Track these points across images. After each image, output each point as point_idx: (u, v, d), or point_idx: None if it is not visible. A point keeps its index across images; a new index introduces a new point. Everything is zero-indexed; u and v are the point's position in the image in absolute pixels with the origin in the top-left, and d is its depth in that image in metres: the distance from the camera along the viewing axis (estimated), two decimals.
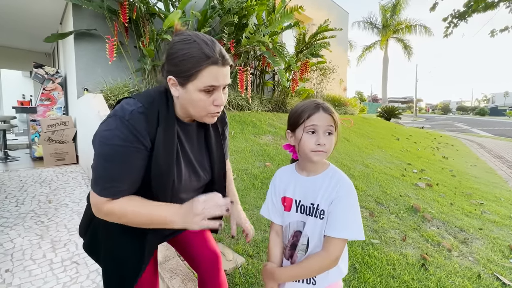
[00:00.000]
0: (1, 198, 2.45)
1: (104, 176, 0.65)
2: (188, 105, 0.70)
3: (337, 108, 8.38)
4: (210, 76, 0.65)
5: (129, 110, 0.66)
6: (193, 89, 0.66)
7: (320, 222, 0.75)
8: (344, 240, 0.73)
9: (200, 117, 0.72)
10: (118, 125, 0.64)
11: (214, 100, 0.69)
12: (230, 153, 3.05)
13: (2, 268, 1.53)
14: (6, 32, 5.06)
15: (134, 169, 0.67)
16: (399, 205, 2.54)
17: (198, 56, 0.64)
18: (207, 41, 0.66)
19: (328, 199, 0.74)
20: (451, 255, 1.84)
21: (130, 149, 0.64)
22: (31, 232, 1.91)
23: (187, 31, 0.70)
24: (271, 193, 0.87)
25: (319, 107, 0.76)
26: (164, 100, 0.72)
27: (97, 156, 0.65)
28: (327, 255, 0.73)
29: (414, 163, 4.44)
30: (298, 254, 0.80)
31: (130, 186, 0.68)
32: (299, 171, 0.83)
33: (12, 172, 3.19)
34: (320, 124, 0.74)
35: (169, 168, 0.71)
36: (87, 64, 3.53)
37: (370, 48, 19.55)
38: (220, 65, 0.66)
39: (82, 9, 3.41)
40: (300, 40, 5.24)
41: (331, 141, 0.75)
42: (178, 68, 0.66)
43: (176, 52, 0.66)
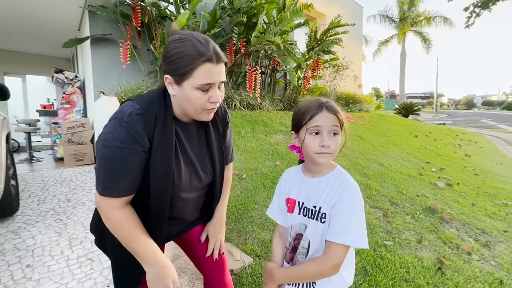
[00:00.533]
0: (25, 197, 2.60)
1: (104, 176, 0.67)
2: (184, 103, 0.71)
3: (352, 105, 8.17)
4: (205, 74, 0.66)
5: (127, 112, 0.67)
6: (188, 87, 0.67)
7: (321, 226, 0.72)
8: (346, 246, 0.69)
9: (196, 115, 0.73)
10: (117, 128, 0.66)
11: (210, 98, 0.69)
12: (240, 152, 3.05)
13: (24, 263, 1.62)
14: (29, 39, 5.36)
15: (133, 169, 0.68)
16: (415, 206, 2.44)
17: (192, 54, 0.65)
18: (201, 40, 0.67)
19: (330, 202, 0.71)
20: (471, 258, 1.74)
21: (128, 150, 0.66)
22: (50, 230, 2.01)
23: (183, 31, 0.71)
24: (277, 194, 0.86)
25: (322, 107, 0.72)
26: (162, 101, 0.73)
27: (99, 157, 0.68)
28: (326, 260, 0.70)
29: (433, 162, 4.24)
30: (298, 258, 0.78)
31: (130, 186, 0.69)
32: (305, 173, 0.81)
33: (36, 172, 3.37)
34: (324, 124, 0.71)
35: (168, 167, 0.72)
36: (102, 68, 3.67)
37: (387, 42, 18.91)
38: (215, 62, 0.67)
39: (97, 15, 3.54)
40: (312, 37, 5.15)
41: (337, 141, 0.72)
42: (173, 67, 0.67)
43: (171, 51, 0.67)
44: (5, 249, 1.75)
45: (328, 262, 0.70)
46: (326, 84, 7.23)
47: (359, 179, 2.83)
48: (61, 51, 5.95)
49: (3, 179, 1.89)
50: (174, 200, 0.77)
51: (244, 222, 1.94)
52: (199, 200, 0.86)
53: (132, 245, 0.70)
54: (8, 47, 5.99)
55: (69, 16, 4.16)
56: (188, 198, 0.81)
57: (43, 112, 4.26)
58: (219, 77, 0.69)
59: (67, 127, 3.74)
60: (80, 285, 1.46)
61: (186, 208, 0.82)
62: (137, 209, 0.74)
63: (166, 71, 0.69)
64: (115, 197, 0.67)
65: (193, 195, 0.83)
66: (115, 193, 0.67)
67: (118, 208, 0.69)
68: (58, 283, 1.46)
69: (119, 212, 0.69)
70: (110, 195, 0.67)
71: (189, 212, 0.85)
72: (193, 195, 0.82)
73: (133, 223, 0.70)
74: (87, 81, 4.18)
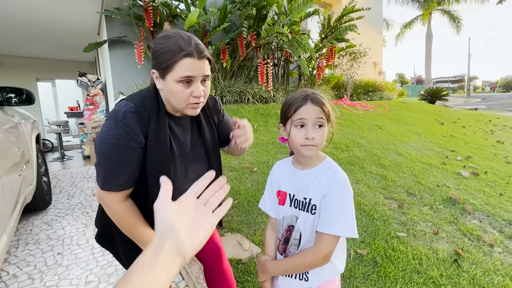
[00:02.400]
0: (56, 192, 2.84)
1: (104, 172, 0.73)
2: (169, 97, 0.75)
3: (371, 93, 7.84)
4: (185, 67, 0.70)
5: (122, 111, 0.72)
6: (171, 80, 0.71)
7: (312, 217, 0.73)
8: (336, 236, 0.70)
9: (181, 109, 0.76)
10: (113, 126, 0.71)
11: (192, 92, 0.73)
12: (252, 146, 3.09)
13: (55, 251, 1.80)
14: (55, 46, 5.75)
15: (130, 164, 0.73)
16: (435, 196, 2.33)
17: (174, 49, 0.69)
18: (184, 37, 0.72)
19: (320, 193, 0.72)
20: (492, 251, 1.64)
21: (124, 147, 0.71)
22: (78, 221, 2.19)
23: (171, 29, 0.76)
24: (268, 186, 0.87)
25: (307, 99, 0.72)
26: (155, 97, 0.78)
27: (97, 154, 0.73)
28: (318, 251, 0.71)
29: (459, 150, 3.99)
30: (290, 249, 0.80)
31: (128, 180, 0.75)
32: (295, 165, 0.81)
33: (66, 170, 3.67)
34: (308, 117, 0.71)
35: (163, 160, 0.77)
36: (120, 69, 3.85)
37: (410, 24, 17.74)
38: (195, 57, 0.70)
39: (113, 19, 3.70)
40: (325, 25, 4.99)
41: (322, 133, 0.72)
42: (158, 61, 0.72)
43: (157, 47, 0.72)
44: (40, 239, 1.95)
45: (319, 252, 0.71)
46: (343, 73, 6.99)
47: (375, 170, 2.75)
48: (84, 55, 6.32)
49: (35, 176, 2.09)
50: (173, 193, 0.81)
51: (254, 214, 1.98)
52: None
53: (133, 233, 0.77)
54: (38, 55, 6.47)
55: (88, 22, 4.39)
56: (184, 190, 0.85)
57: (70, 113, 4.58)
58: (200, 71, 0.72)
59: (92, 126, 3.99)
60: (103, 271, 1.60)
61: None
62: (137, 202, 0.79)
63: (153, 66, 0.74)
64: (116, 191, 0.73)
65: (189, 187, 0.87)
66: (115, 187, 0.73)
67: (120, 202, 0.75)
68: (84, 269, 1.61)
69: (121, 204, 0.75)
70: (111, 189, 0.73)
71: None
72: (188, 186, 0.87)
73: (133, 213, 0.77)
74: (108, 82, 4.41)
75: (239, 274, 1.43)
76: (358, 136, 3.86)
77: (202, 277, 1.39)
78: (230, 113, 3.85)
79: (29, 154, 1.97)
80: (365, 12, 4.84)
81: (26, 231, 2.06)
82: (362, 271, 1.45)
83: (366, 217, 1.94)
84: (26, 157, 1.87)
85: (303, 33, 4.63)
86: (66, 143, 6.10)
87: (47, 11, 3.92)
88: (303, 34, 4.58)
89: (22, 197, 1.71)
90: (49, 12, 3.96)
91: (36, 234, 2.01)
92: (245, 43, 4.10)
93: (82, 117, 4.54)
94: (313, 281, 0.77)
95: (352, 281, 1.38)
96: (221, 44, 3.91)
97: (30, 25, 4.40)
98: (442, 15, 16.76)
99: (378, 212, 2.00)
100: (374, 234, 1.76)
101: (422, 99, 11.58)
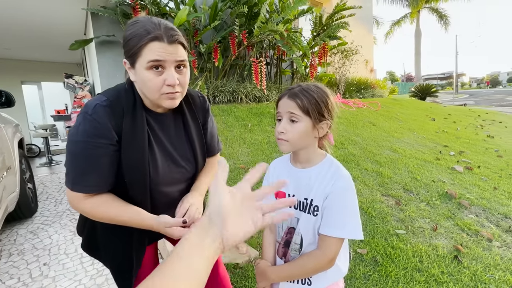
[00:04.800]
0: (43, 198, 2.72)
1: (73, 171, 0.66)
2: (142, 87, 0.68)
3: (364, 91, 7.89)
4: (152, 52, 0.63)
5: (92, 105, 0.66)
6: (140, 68, 0.65)
7: (314, 219, 0.69)
8: (341, 239, 0.67)
9: (156, 100, 0.69)
10: (82, 122, 0.65)
11: (165, 80, 0.66)
12: (246, 146, 3.03)
13: (41, 261, 1.70)
14: (40, 47, 5.55)
15: (100, 164, 0.66)
16: (431, 192, 2.32)
17: (141, 33, 0.64)
18: (153, 21, 0.66)
19: (322, 193, 0.68)
20: (491, 245, 1.63)
21: (92, 144, 0.64)
22: (66, 229, 2.09)
23: (142, 16, 0.71)
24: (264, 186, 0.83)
25: (286, 93, 0.70)
26: (130, 91, 0.71)
27: (67, 152, 0.67)
28: (322, 255, 0.67)
29: (451, 145, 4.02)
30: (291, 253, 0.75)
31: (99, 181, 0.67)
32: (293, 163, 0.77)
33: (54, 175, 3.53)
34: (282, 111, 0.69)
35: (141, 158, 0.69)
36: (108, 70, 3.73)
37: (399, 22, 17.99)
38: (165, 41, 0.64)
39: (100, 17, 3.58)
40: (317, 23, 4.97)
41: (294, 129, 0.67)
42: (126, 49, 0.66)
43: (125, 34, 0.67)
44: (24, 249, 1.85)
45: (324, 256, 0.67)
46: (335, 71, 7.00)
47: (370, 167, 2.74)
48: (71, 57, 6.13)
49: (18, 183, 1.98)
50: (156, 195, 0.75)
51: None
52: (183, 194, 0.84)
53: (122, 219, 0.68)
54: (23, 57, 6.25)
55: (74, 21, 4.24)
56: (171, 192, 0.79)
57: (57, 117, 4.42)
58: (171, 56, 0.65)
59: None
60: (93, 281, 1.52)
61: (171, 203, 0.80)
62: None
63: (124, 55, 0.68)
64: (87, 193, 0.66)
65: (177, 188, 0.80)
66: (85, 189, 0.65)
67: (87, 197, 0.67)
68: (72, 280, 1.52)
69: (90, 199, 0.67)
70: (81, 190, 0.65)
71: (175, 207, 0.84)
72: (176, 188, 0.80)
73: (111, 201, 0.69)
74: (96, 84, 4.28)
75: (237, 279, 1.38)
76: (353, 133, 3.85)
77: None
78: (223, 113, 3.78)
79: (10, 160, 1.86)
80: (356, 10, 4.84)
81: (10, 241, 1.95)
82: (363, 271, 1.41)
83: (364, 215, 1.91)
84: (6, 163, 1.76)
85: (295, 31, 4.60)
86: (54, 147, 5.91)
87: (30, 10, 3.77)
88: (296, 32, 4.55)
89: (3, 206, 1.61)
90: (32, 11, 3.81)
91: (20, 244, 1.90)
92: (237, 41, 4.04)
93: (69, 120, 4.39)
94: (317, 285, 0.73)
95: (353, 282, 1.34)
96: (212, 43, 3.84)
97: (13, 25, 4.23)
98: (430, 13, 17.06)
99: (376, 210, 1.97)
100: (373, 233, 1.73)
101: (413, 96, 11.73)
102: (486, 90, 33.76)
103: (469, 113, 8.07)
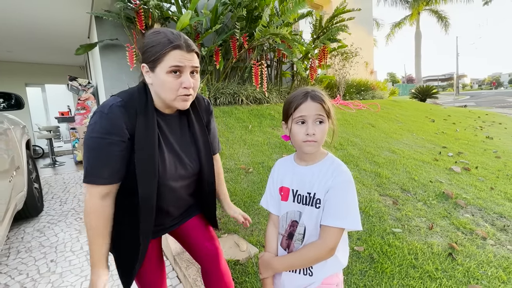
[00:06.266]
0: (48, 198, 2.78)
1: (88, 164, 0.72)
2: (159, 90, 0.76)
3: (364, 92, 7.94)
4: (174, 58, 0.72)
5: (108, 105, 0.73)
6: (161, 72, 0.73)
7: (317, 211, 0.74)
8: (341, 229, 0.71)
9: (171, 101, 0.77)
10: (98, 120, 0.72)
11: (182, 83, 0.74)
12: (247, 147, 3.08)
13: (48, 258, 1.76)
14: (44, 50, 5.64)
15: (113, 158, 0.72)
16: (428, 192, 2.37)
17: (164, 42, 0.72)
18: (173, 32, 0.75)
19: (324, 187, 0.73)
20: (485, 243, 1.68)
21: (107, 140, 0.71)
22: (71, 228, 2.15)
23: (160, 27, 0.78)
24: (270, 184, 0.88)
25: (307, 96, 0.74)
26: (143, 94, 0.78)
27: (84, 147, 0.74)
28: (323, 244, 0.72)
29: (450, 146, 4.06)
30: (295, 244, 0.80)
31: (111, 175, 0.73)
32: (297, 161, 0.83)
33: (58, 176, 3.59)
34: (308, 113, 0.73)
35: (151, 155, 0.76)
36: (112, 73, 3.80)
37: (400, 24, 18.05)
38: (184, 50, 0.73)
39: (104, 20, 3.66)
40: (316, 25, 5.03)
41: (322, 130, 0.73)
42: (147, 55, 0.74)
43: (146, 42, 0.75)
44: (32, 246, 1.90)
45: (324, 246, 0.72)
46: (335, 73, 7.06)
47: (369, 168, 2.78)
48: (75, 59, 6.22)
49: (26, 183, 2.05)
50: (162, 190, 0.80)
51: (251, 214, 1.97)
52: (188, 189, 0.90)
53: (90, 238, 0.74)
54: (27, 59, 6.34)
55: (78, 25, 4.33)
56: (176, 187, 0.85)
57: (61, 118, 4.50)
58: (189, 62, 0.74)
59: (83, 131, 3.93)
60: None
61: (176, 198, 0.86)
62: (127, 201, 0.78)
63: (143, 60, 0.76)
64: (99, 185, 0.72)
65: (181, 184, 0.86)
66: (97, 180, 0.71)
67: (99, 198, 0.73)
68: (78, 276, 1.58)
69: (98, 201, 0.73)
70: (93, 182, 0.72)
71: (179, 203, 0.90)
72: (181, 183, 0.86)
73: (103, 220, 0.74)
74: (99, 86, 4.35)
75: (237, 275, 1.43)
76: (352, 134, 3.90)
77: (200, 279, 1.38)
78: (224, 114, 3.84)
79: (19, 160, 1.92)
80: (355, 13, 4.91)
81: (18, 239, 2.01)
82: (359, 268, 1.46)
83: (362, 214, 1.96)
84: (16, 164, 1.83)
85: (296, 34, 4.66)
86: (57, 148, 5.99)
87: (35, 13, 3.86)
88: (296, 35, 4.61)
89: (12, 204, 1.67)
90: (37, 14, 3.90)
91: (28, 242, 1.96)
92: (238, 44, 4.10)
93: (73, 122, 4.46)
94: (318, 276, 0.77)
95: (350, 278, 1.39)
96: (213, 46, 3.91)
97: (18, 28, 4.32)
98: (431, 15, 17.11)
99: (374, 209, 2.02)
100: (370, 231, 1.78)
101: (413, 98, 11.77)
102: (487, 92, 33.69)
103: (469, 115, 8.09)
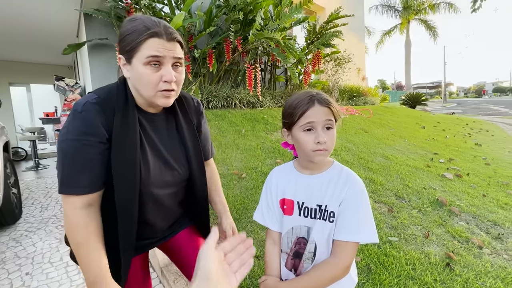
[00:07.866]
0: (28, 204, 2.62)
1: (62, 171, 0.63)
2: (137, 84, 0.67)
3: (356, 98, 8.03)
4: (151, 47, 0.64)
5: (82, 103, 0.64)
6: (137, 63, 0.65)
7: (330, 226, 0.66)
8: (356, 243, 0.65)
9: (151, 97, 0.68)
10: (71, 120, 0.63)
11: (162, 76, 0.65)
12: (240, 152, 3.01)
13: (23, 271, 1.63)
14: (31, 49, 5.44)
15: (91, 162, 0.63)
16: (422, 199, 2.35)
17: (139, 29, 0.64)
18: (152, 18, 0.67)
19: (337, 199, 0.66)
20: (482, 252, 1.65)
21: (83, 142, 0.62)
22: (51, 236, 2.01)
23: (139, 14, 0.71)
24: (266, 196, 0.79)
25: (313, 100, 0.66)
26: (122, 89, 0.70)
27: (58, 153, 0.65)
28: (339, 262, 0.64)
29: (441, 153, 4.11)
30: (304, 264, 0.71)
31: (91, 182, 0.64)
32: (300, 170, 0.74)
33: (40, 179, 3.42)
34: (317, 119, 0.65)
35: (132, 157, 0.67)
36: (100, 73, 3.68)
37: (390, 32, 18.52)
38: (164, 39, 0.65)
39: (93, 19, 3.54)
40: (311, 31, 5.06)
41: (332, 136, 0.66)
42: (123, 44, 0.66)
43: (122, 30, 0.67)
44: (6, 257, 1.76)
45: (340, 264, 0.64)
46: (328, 78, 7.11)
47: (363, 174, 2.75)
48: (63, 59, 6.03)
49: (2, 188, 1.91)
50: (146, 198, 0.71)
51: (244, 222, 1.89)
52: (175, 198, 0.81)
53: (82, 256, 0.62)
54: (12, 58, 6.10)
55: (66, 23, 4.19)
56: (161, 195, 0.75)
57: (46, 119, 4.31)
58: (169, 52, 0.65)
59: None
60: None
61: (162, 208, 0.77)
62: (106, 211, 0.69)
63: (119, 51, 0.68)
64: (77, 195, 0.63)
65: (168, 192, 0.77)
66: (75, 190, 0.62)
67: (80, 208, 0.63)
68: None
69: (81, 212, 0.63)
70: (70, 192, 0.62)
71: (166, 213, 0.80)
72: (167, 191, 0.77)
73: (93, 233, 0.63)
74: (87, 86, 4.20)
75: None
76: (345, 140, 3.89)
77: None
78: (216, 118, 3.76)
79: None
80: (349, 19, 4.95)
81: None
82: (357, 279, 1.40)
83: None
84: None
85: (290, 39, 4.66)
86: (41, 151, 5.75)
87: (21, 10, 3.70)
88: (290, 39, 4.61)
89: None
90: (23, 11, 3.74)
91: (1, 253, 1.82)
92: (232, 47, 4.05)
93: (59, 123, 4.28)
94: None
95: None
96: (207, 48, 3.85)
97: (2, 24, 4.14)
98: (420, 24, 17.63)
99: None
100: None
101: (403, 104, 12.01)
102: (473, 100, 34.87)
103: (457, 122, 8.29)
